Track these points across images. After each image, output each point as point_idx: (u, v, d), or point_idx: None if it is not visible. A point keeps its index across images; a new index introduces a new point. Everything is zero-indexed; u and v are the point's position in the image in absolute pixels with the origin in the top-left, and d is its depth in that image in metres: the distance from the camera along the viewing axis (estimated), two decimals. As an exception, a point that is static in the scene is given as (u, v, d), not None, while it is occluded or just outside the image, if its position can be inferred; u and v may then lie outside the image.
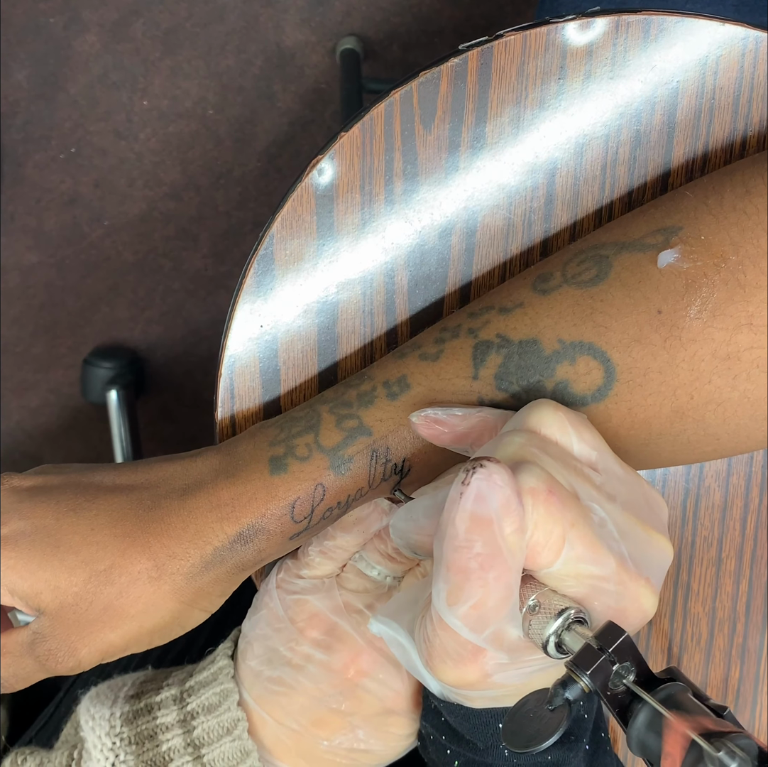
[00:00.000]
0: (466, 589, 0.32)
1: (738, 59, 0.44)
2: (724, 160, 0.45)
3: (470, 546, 0.31)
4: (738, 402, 0.39)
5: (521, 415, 0.37)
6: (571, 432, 0.37)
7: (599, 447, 0.37)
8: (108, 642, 0.42)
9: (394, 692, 0.44)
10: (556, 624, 0.33)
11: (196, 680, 0.46)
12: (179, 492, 0.42)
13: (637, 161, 0.45)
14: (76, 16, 1.26)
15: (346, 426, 0.42)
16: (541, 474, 0.33)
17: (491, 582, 0.32)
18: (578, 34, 0.43)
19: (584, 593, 0.34)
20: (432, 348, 0.42)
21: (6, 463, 1.37)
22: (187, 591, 0.42)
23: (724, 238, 0.38)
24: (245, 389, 0.47)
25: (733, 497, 0.50)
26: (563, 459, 0.35)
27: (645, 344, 0.39)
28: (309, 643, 0.44)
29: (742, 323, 0.38)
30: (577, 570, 0.33)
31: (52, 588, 0.41)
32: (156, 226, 1.32)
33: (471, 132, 0.44)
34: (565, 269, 0.41)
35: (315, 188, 0.45)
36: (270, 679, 0.45)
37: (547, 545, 0.32)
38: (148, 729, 0.45)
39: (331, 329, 0.47)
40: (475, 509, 0.31)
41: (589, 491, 0.35)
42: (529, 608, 0.33)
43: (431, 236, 0.46)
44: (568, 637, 0.32)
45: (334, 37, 1.28)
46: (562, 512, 0.32)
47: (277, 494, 0.41)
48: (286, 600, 0.45)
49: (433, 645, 0.34)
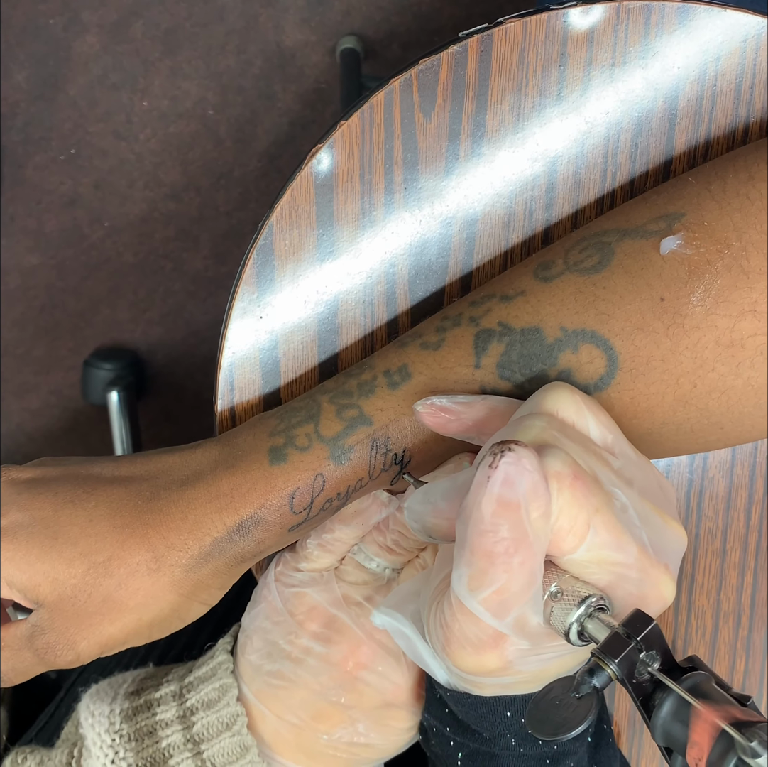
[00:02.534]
0: (490, 574, 0.31)
1: (740, 45, 0.43)
2: (726, 146, 0.44)
3: (496, 530, 0.31)
4: (742, 390, 0.39)
5: (537, 398, 0.37)
6: (588, 414, 0.36)
7: (615, 431, 0.37)
8: (107, 634, 0.41)
9: (394, 684, 0.44)
10: (579, 611, 0.32)
11: (196, 675, 0.46)
12: (178, 483, 0.42)
13: (639, 149, 0.44)
14: (75, 17, 1.26)
15: (346, 416, 0.41)
16: (566, 458, 0.32)
17: (516, 567, 0.31)
18: (579, 21, 0.43)
19: (606, 580, 0.33)
20: (433, 337, 0.42)
21: (6, 465, 1.36)
22: (186, 583, 0.41)
23: (728, 224, 0.38)
24: (245, 380, 0.47)
25: (738, 488, 0.50)
26: (583, 443, 0.35)
27: (648, 332, 0.38)
28: (308, 636, 0.44)
29: (746, 309, 0.38)
30: (600, 557, 0.33)
31: (51, 580, 0.40)
32: (156, 227, 1.32)
33: (471, 120, 0.44)
34: (567, 256, 0.41)
35: (314, 177, 0.45)
36: (269, 673, 0.45)
37: (572, 530, 0.32)
38: (148, 726, 0.45)
39: (331, 320, 0.46)
40: (503, 494, 0.31)
41: (610, 475, 0.34)
42: (551, 594, 0.33)
43: (432, 226, 0.45)
44: (590, 624, 0.32)
45: (334, 36, 1.28)
46: (587, 498, 0.32)
47: (277, 484, 0.41)
48: (284, 593, 0.45)
49: (451, 631, 0.34)
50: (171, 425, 1.37)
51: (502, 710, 0.40)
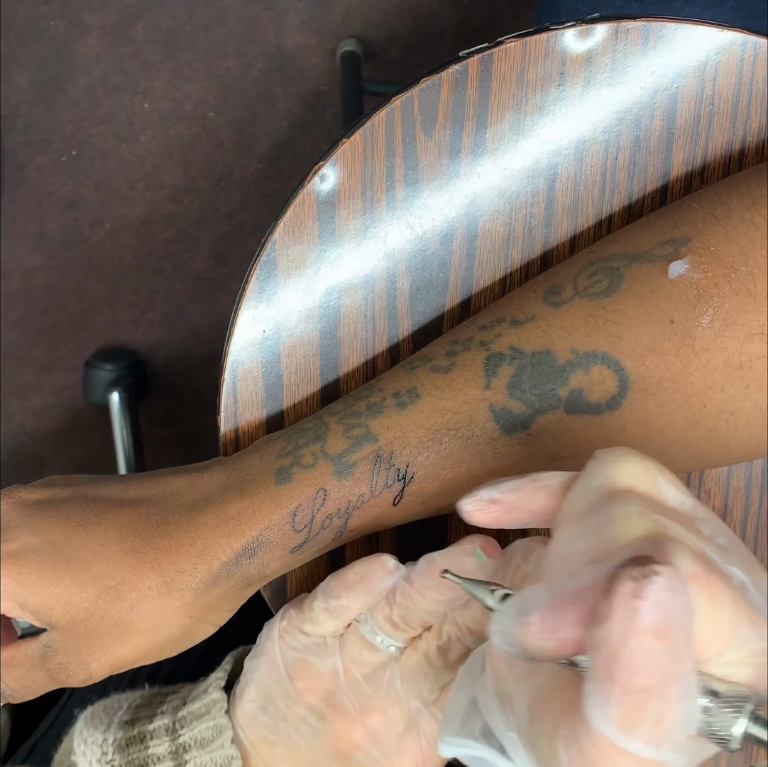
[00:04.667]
0: (647, 709, 0.27)
1: (737, 65, 0.44)
2: (723, 165, 0.45)
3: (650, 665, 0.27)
4: (750, 411, 0.39)
5: (602, 471, 0.31)
6: (662, 482, 0.31)
7: (687, 492, 0.32)
8: (118, 656, 0.42)
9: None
10: (745, 720, 0.28)
11: (189, 710, 0.46)
12: (187, 508, 0.42)
13: (637, 167, 0.45)
14: (77, 19, 1.26)
15: (353, 434, 0.42)
16: (691, 553, 0.28)
17: (675, 696, 0.27)
18: (578, 41, 0.44)
19: (753, 674, 0.29)
20: (443, 361, 0.42)
21: (8, 465, 1.37)
22: (196, 606, 0.42)
23: (734, 248, 0.39)
24: (248, 393, 0.47)
25: (734, 500, 0.51)
26: (681, 521, 0.30)
27: (658, 354, 0.39)
28: (305, 706, 0.44)
29: (754, 332, 0.38)
30: (746, 651, 0.29)
31: (64, 604, 0.41)
32: (157, 228, 1.32)
33: (472, 138, 0.45)
34: (576, 281, 0.41)
35: (317, 194, 0.45)
36: (265, 725, 0.44)
37: (717, 633, 0.28)
38: (140, 759, 0.45)
39: (333, 334, 0.47)
40: (657, 627, 0.26)
41: (718, 552, 0.30)
42: (704, 707, 0.29)
43: (432, 242, 0.46)
44: (754, 729, 0.28)
45: (334, 39, 1.28)
46: (725, 593, 0.28)
47: (281, 502, 0.41)
48: (287, 654, 0.44)
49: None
50: (172, 425, 1.38)
51: None
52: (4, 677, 0.43)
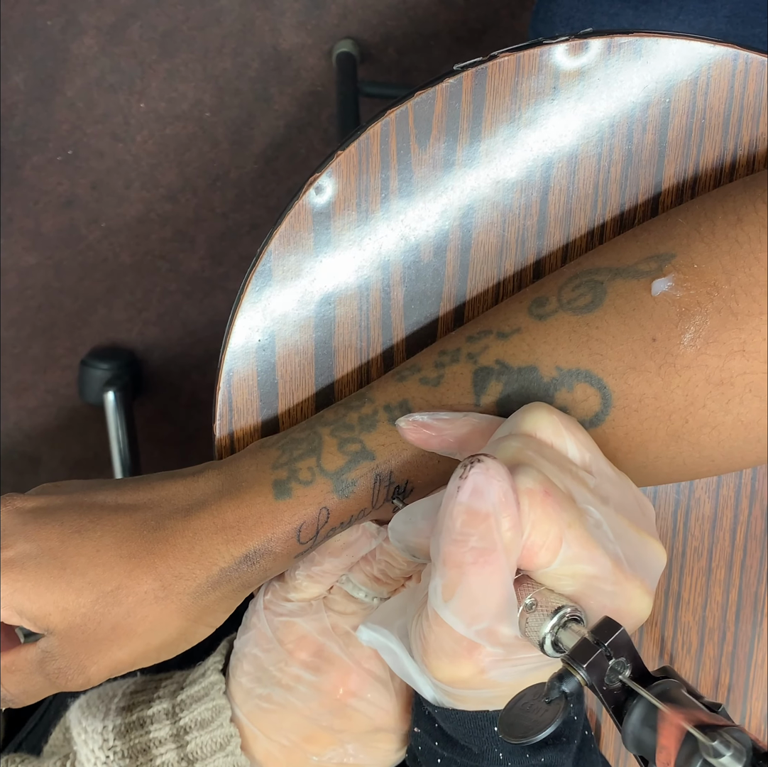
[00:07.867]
0: (461, 582, 0.32)
1: (728, 79, 0.44)
2: (714, 178, 0.45)
3: (466, 540, 0.32)
4: (732, 425, 0.40)
5: (515, 419, 0.38)
6: (566, 435, 0.37)
7: (592, 449, 0.38)
8: (116, 659, 0.42)
9: (383, 710, 0.45)
10: (552, 621, 0.33)
11: (188, 694, 0.47)
12: (183, 513, 0.43)
13: (629, 180, 0.45)
14: (73, 19, 1.26)
15: (348, 450, 0.42)
16: (538, 476, 0.33)
17: (486, 577, 0.32)
18: (571, 56, 0.44)
19: (580, 592, 0.34)
20: (432, 372, 0.43)
21: (4, 463, 1.37)
22: (194, 609, 0.42)
23: (717, 266, 0.39)
24: (243, 402, 0.48)
25: (723, 509, 0.51)
26: (559, 462, 0.36)
27: (640, 371, 0.39)
28: (298, 665, 0.45)
29: (735, 349, 0.39)
30: (573, 570, 0.34)
31: (61, 610, 0.41)
32: (153, 228, 1.32)
33: (465, 151, 0.45)
34: (561, 293, 0.42)
35: (312, 206, 0.46)
36: (260, 696, 0.45)
37: (545, 545, 0.33)
38: (142, 743, 0.46)
39: (327, 344, 0.47)
40: (472, 503, 0.32)
41: (584, 493, 0.35)
42: (526, 606, 0.34)
43: (426, 253, 0.46)
44: (564, 635, 0.33)
45: (331, 40, 1.29)
46: (559, 513, 0.33)
47: (283, 518, 0.42)
48: (274, 621, 0.46)
49: (428, 642, 0.35)
50: (167, 424, 1.38)
51: (489, 725, 0.41)
52: (5, 682, 0.43)
